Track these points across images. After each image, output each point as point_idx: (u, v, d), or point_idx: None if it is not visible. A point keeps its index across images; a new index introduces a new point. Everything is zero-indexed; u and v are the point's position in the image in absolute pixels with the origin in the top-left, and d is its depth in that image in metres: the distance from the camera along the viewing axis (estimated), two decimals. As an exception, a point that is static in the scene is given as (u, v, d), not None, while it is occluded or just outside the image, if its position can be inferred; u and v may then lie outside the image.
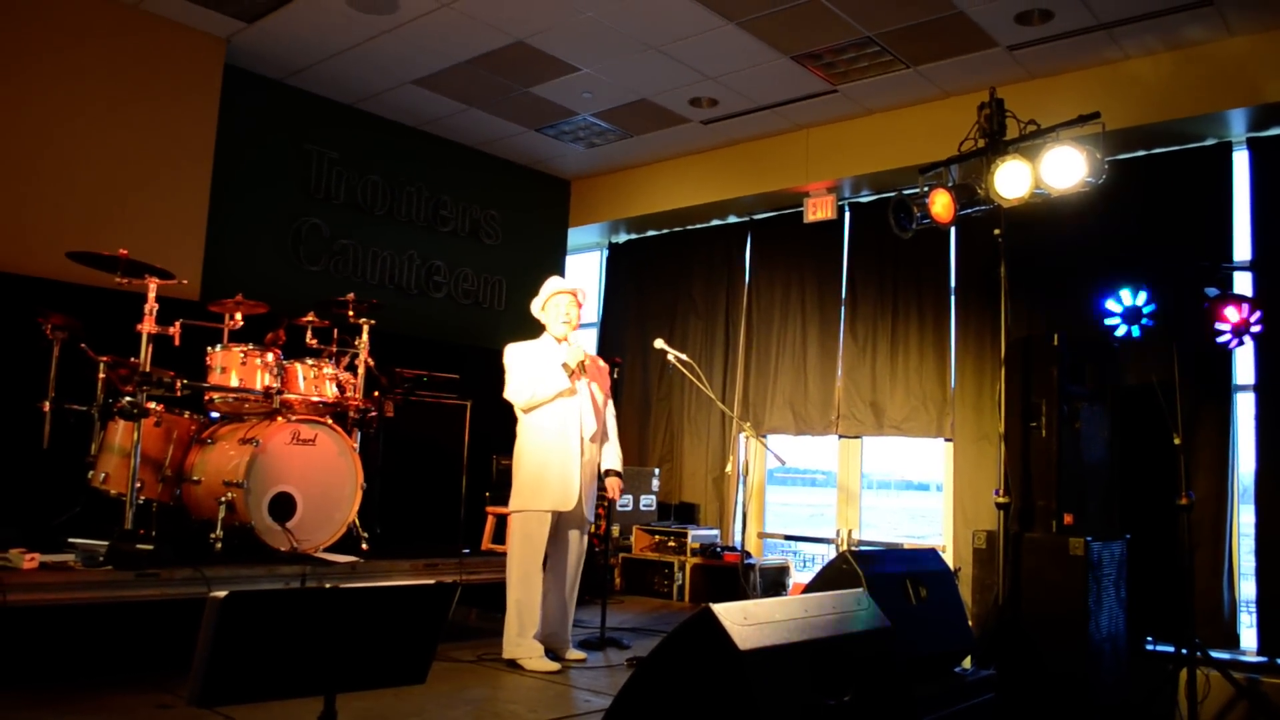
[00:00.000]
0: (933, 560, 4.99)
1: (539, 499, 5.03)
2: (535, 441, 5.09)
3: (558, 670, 4.87)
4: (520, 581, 5.00)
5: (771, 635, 2.75)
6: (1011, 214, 5.34)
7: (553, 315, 5.27)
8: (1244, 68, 5.94)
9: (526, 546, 5.03)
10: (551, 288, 5.34)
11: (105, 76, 6.37)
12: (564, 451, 5.06)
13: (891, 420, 7.59)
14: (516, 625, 4.96)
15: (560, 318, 5.23)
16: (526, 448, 5.13)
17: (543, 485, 5.04)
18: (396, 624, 2.72)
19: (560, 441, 5.07)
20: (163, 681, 4.24)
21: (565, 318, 5.22)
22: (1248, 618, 6.05)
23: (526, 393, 5.08)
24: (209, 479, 5.19)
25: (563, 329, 5.22)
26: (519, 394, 5.11)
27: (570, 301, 5.26)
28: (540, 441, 5.08)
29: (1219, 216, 6.24)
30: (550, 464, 5.04)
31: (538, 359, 5.16)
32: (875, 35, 6.27)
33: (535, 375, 5.09)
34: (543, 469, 5.04)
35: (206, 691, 2.51)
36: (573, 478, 5.04)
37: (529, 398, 5.07)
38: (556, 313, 5.25)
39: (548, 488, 5.03)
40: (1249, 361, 6.07)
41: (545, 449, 5.07)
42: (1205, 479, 6.00)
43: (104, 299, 5.56)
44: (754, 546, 8.40)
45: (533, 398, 5.07)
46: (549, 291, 5.32)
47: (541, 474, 5.04)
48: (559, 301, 5.26)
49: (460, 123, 8.20)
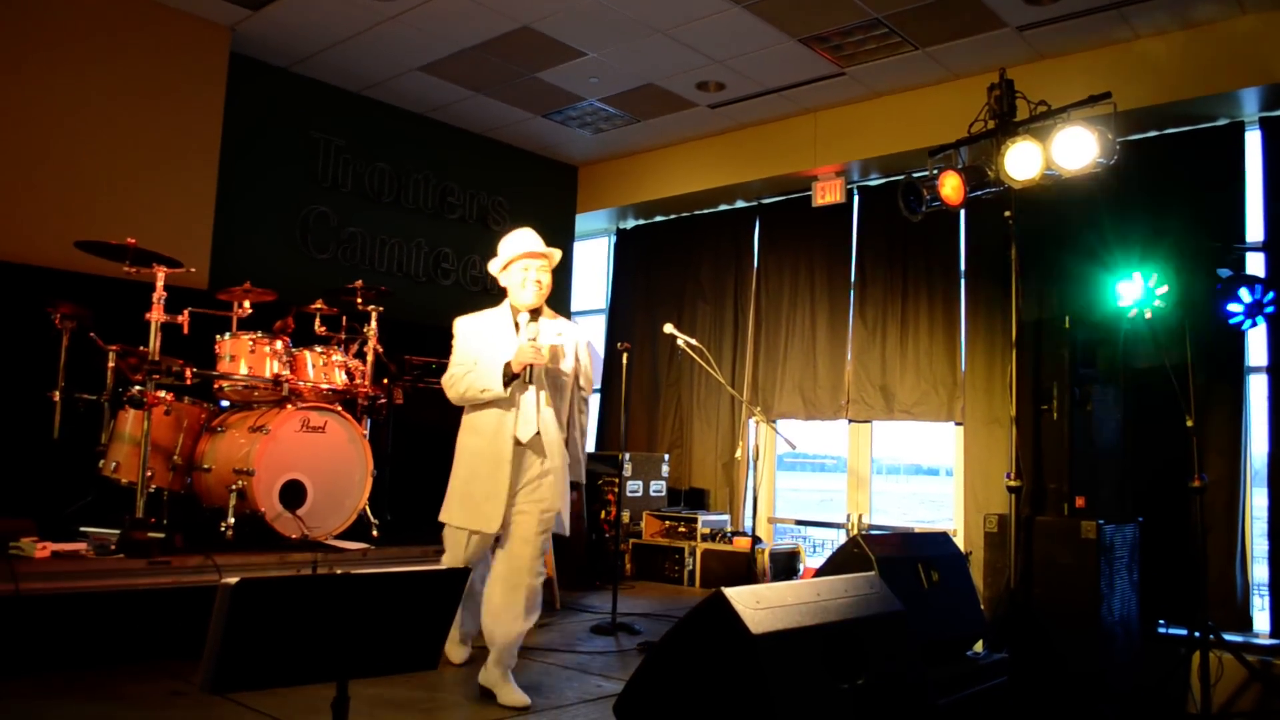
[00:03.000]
0: (944, 544, 4.98)
1: (459, 515, 4.23)
2: (467, 446, 4.28)
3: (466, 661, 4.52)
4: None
5: (784, 619, 2.74)
6: (1022, 196, 5.29)
7: (514, 280, 4.31)
8: (1256, 46, 5.88)
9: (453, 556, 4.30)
10: (512, 249, 4.32)
11: (111, 66, 6.36)
12: (495, 463, 4.16)
13: (902, 404, 7.57)
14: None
15: (520, 284, 4.27)
16: (459, 451, 4.33)
17: (466, 500, 4.22)
18: (408, 610, 2.72)
19: (493, 449, 4.17)
20: (175, 668, 4.26)
21: (529, 287, 4.25)
22: (1260, 600, 6.03)
23: (456, 386, 4.22)
24: (219, 467, 5.20)
25: (526, 297, 4.26)
26: (448, 386, 4.27)
27: (539, 267, 4.28)
28: (472, 447, 4.25)
29: (1231, 197, 6.19)
30: (478, 477, 4.19)
31: (485, 339, 4.28)
32: (883, 17, 6.23)
33: (471, 363, 4.23)
34: (469, 481, 4.22)
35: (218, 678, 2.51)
36: (499, 498, 4.12)
37: (458, 393, 4.22)
38: (519, 277, 4.28)
39: (470, 505, 4.20)
40: (1262, 343, 6.03)
41: (475, 457, 4.23)
42: (1218, 461, 5.98)
43: (112, 288, 5.56)
44: (764, 531, 8.39)
45: (461, 395, 4.22)
46: (509, 254, 4.31)
47: (466, 488, 4.22)
48: (523, 266, 4.28)
49: (467, 109, 8.18)
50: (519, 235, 4.37)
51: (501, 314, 4.37)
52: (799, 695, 2.68)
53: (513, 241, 4.35)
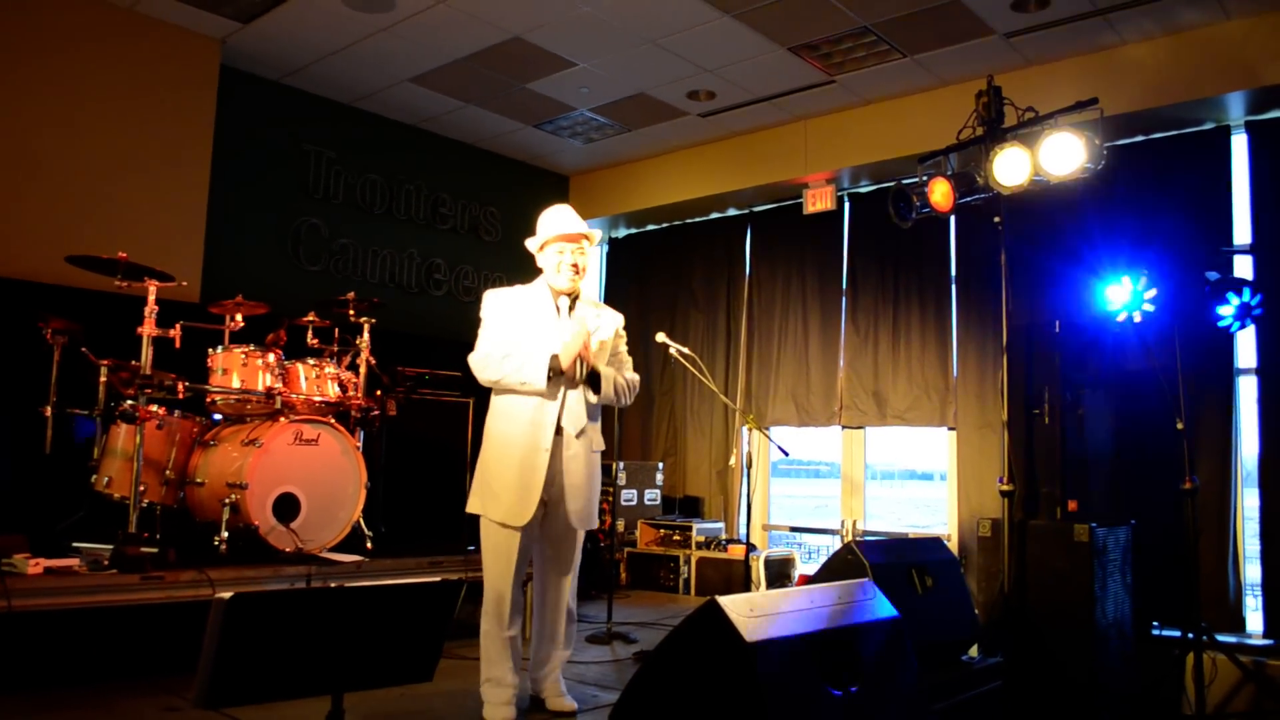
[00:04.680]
0: (937, 549, 5.00)
1: (490, 506, 3.98)
2: (500, 431, 4.01)
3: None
4: (489, 605, 3.99)
5: (778, 627, 2.75)
6: (1011, 201, 5.32)
7: (549, 262, 4.13)
8: (1241, 51, 5.92)
9: (495, 562, 3.99)
10: (549, 229, 4.11)
11: (101, 80, 6.36)
12: (531, 450, 3.94)
13: (894, 410, 7.58)
14: (484, 661, 3.96)
15: (555, 267, 4.09)
16: (490, 436, 4.07)
17: (497, 490, 3.96)
18: (402, 622, 2.73)
19: (530, 436, 3.95)
20: (170, 684, 4.26)
21: (565, 271, 4.07)
22: (1253, 601, 6.04)
23: (491, 370, 3.94)
24: (212, 481, 5.19)
25: (561, 281, 4.08)
26: (481, 367, 3.97)
27: (575, 250, 4.09)
28: (505, 432, 3.99)
29: (1219, 200, 6.23)
30: (511, 463, 3.95)
31: (522, 318, 4.05)
32: (872, 25, 6.26)
33: (510, 346, 3.96)
34: (500, 469, 3.97)
35: (213, 693, 2.52)
36: (534, 488, 3.92)
37: (493, 377, 3.95)
38: (554, 260, 4.10)
39: (501, 494, 3.95)
40: (1251, 345, 6.06)
41: (508, 443, 3.97)
42: (1209, 463, 6.00)
43: (104, 302, 5.55)
44: (759, 539, 8.40)
45: (498, 380, 3.95)
46: (546, 234, 4.12)
47: (498, 475, 3.97)
48: (558, 249, 4.09)
49: (458, 120, 8.19)
50: (555, 214, 4.15)
51: (539, 293, 4.13)
52: (794, 703, 2.69)
53: (549, 221, 4.13)
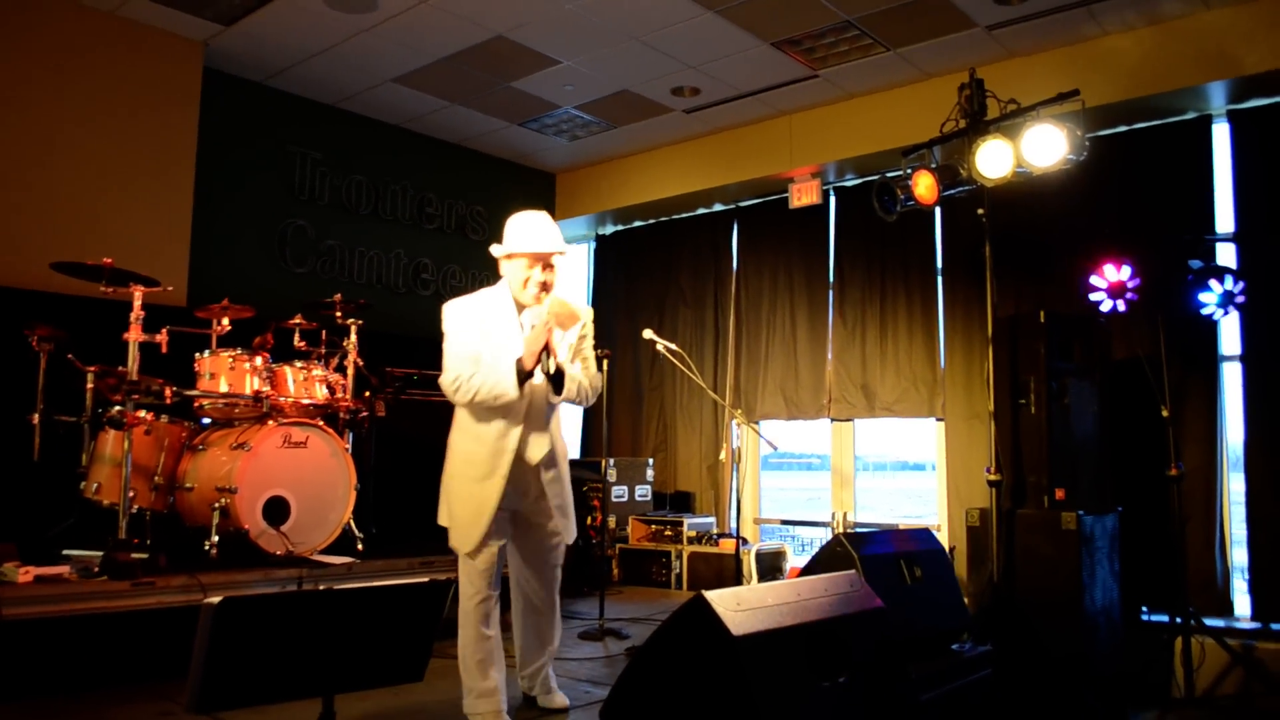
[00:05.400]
0: (926, 539, 5.02)
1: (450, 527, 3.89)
2: (463, 450, 3.88)
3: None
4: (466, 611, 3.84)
5: (764, 620, 2.77)
6: (995, 193, 5.34)
7: (515, 276, 3.86)
8: (1222, 41, 5.94)
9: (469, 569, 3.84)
10: (517, 243, 3.83)
11: (84, 84, 6.35)
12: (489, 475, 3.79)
13: (883, 402, 7.61)
14: (464, 672, 3.84)
15: (520, 283, 3.83)
16: (451, 451, 3.94)
17: (454, 514, 3.87)
18: (391, 623, 2.74)
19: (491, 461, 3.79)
20: (163, 689, 4.26)
21: (531, 289, 3.81)
22: (1241, 584, 6.08)
23: (464, 392, 3.71)
24: (201, 485, 5.20)
25: (530, 300, 3.84)
26: (452, 391, 3.75)
27: (544, 269, 3.83)
28: (469, 452, 3.85)
29: (1201, 189, 6.25)
30: (466, 489, 3.83)
31: (487, 329, 3.82)
32: (854, 19, 6.27)
33: (474, 363, 3.75)
34: (459, 492, 3.86)
35: (204, 698, 2.53)
36: (485, 515, 3.77)
37: (467, 398, 3.73)
38: (520, 275, 3.84)
39: (456, 520, 3.85)
40: (1235, 332, 6.10)
41: (469, 463, 3.84)
42: (1195, 450, 6.04)
43: (90, 308, 5.55)
44: (750, 532, 8.42)
45: (471, 401, 3.74)
46: (514, 248, 3.84)
47: (457, 497, 3.87)
48: (526, 264, 3.83)
49: (443, 119, 8.19)
50: (527, 226, 3.86)
51: (501, 302, 3.89)
52: (781, 695, 2.71)
53: (519, 234, 3.85)
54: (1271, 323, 5.87)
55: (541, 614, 4.17)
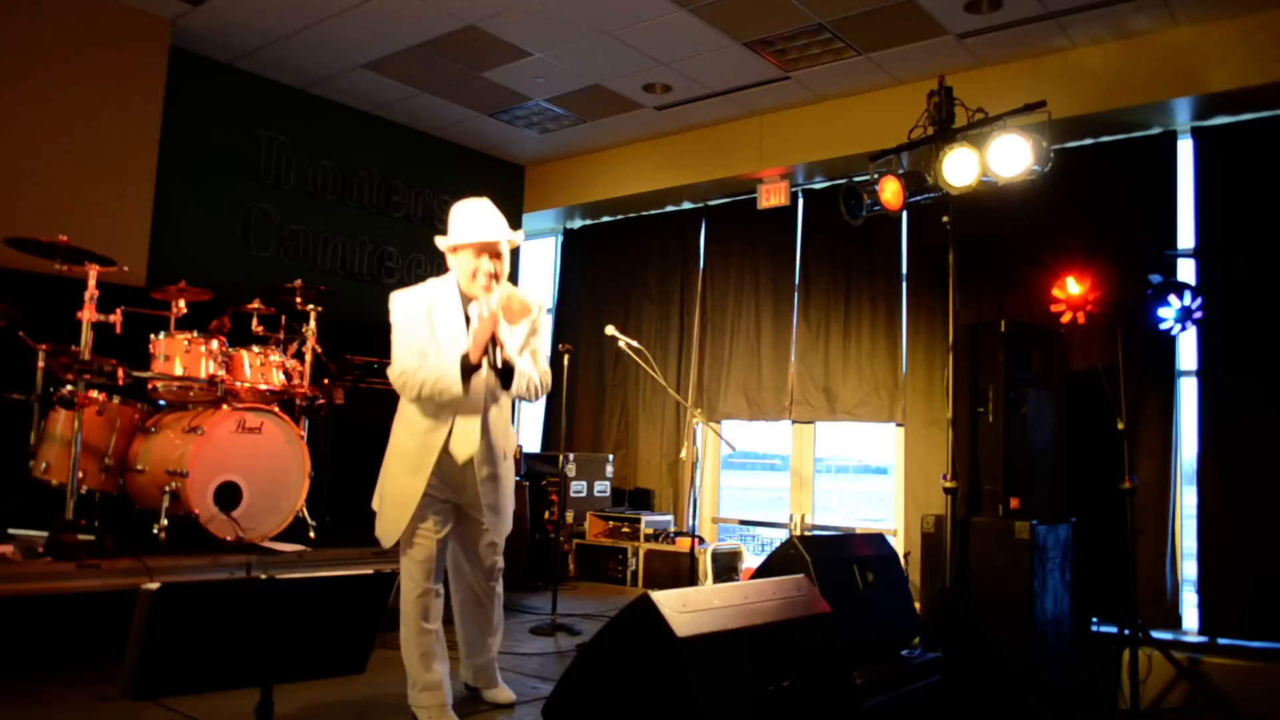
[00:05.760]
0: (880, 545, 5.06)
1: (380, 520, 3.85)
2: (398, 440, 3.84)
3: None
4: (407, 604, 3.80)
5: (710, 622, 2.76)
6: (960, 201, 5.38)
7: (463, 268, 3.76)
8: (1188, 57, 6.00)
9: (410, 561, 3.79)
10: (461, 234, 3.75)
11: (46, 59, 6.23)
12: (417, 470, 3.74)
13: (844, 405, 7.63)
14: (409, 667, 3.81)
15: (468, 275, 3.74)
16: (392, 443, 3.89)
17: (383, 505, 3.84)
18: (334, 614, 2.71)
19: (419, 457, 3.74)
20: (105, 673, 4.18)
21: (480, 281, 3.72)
22: (1190, 598, 6.15)
23: (412, 385, 3.63)
24: (153, 468, 5.13)
25: (474, 290, 3.74)
26: (400, 385, 3.69)
27: (490, 259, 3.73)
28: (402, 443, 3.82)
29: (1163, 204, 6.31)
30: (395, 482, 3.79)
31: (432, 320, 3.74)
32: (827, 22, 6.28)
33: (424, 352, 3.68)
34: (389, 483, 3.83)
35: (140, 684, 2.49)
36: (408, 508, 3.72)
37: (414, 393, 3.66)
38: (467, 266, 3.74)
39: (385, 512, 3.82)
40: (1192, 347, 6.16)
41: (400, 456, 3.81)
42: (1149, 463, 6.10)
43: (44, 285, 5.46)
44: (708, 531, 8.43)
45: (418, 394, 3.65)
46: (458, 238, 3.75)
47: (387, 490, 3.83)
48: (472, 254, 3.73)
49: (412, 107, 8.13)
50: (473, 213, 3.78)
51: (447, 294, 3.80)
52: (724, 698, 2.71)
53: (464, 224, 3.76)
54: (1228, 339, 5.93)
55: (482, 606, 4.11)
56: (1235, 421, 5.89)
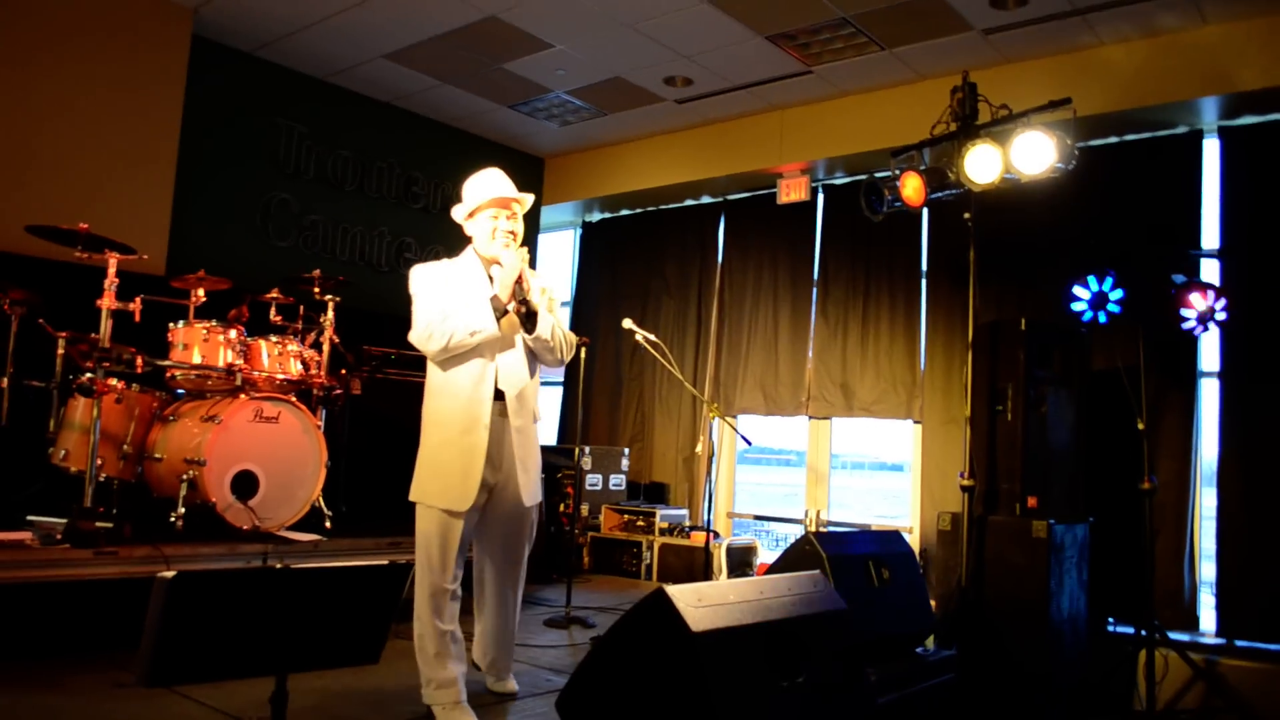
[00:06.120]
0: (896, 542, 5.04)
1: (430, 491, 3.79)
2: (437, 410, 3.83)
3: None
4: (423, 603, 3.77)
5: (725, 617, 2.75)
6: (981, 198, 5.34)
7: (482, 229, 3.90)
8: (1217, 56, 5.94)
9: (434, 553, 3.75)
10: (479, 195, 3.90)
11: (68, 48, 6.25)
12: (469, 428, 3.74)
13: (861, 402, 7.60)
14: (422, 663, 3.79)
15: (489, 234, 3.87)
16: (427, 418, 3.88)
17: (436, 473, 3.78)
18: (348, 604, 2.71)
19: (468, 412, 3.75)
20: (121, 659, 4.22)
21: (500, 238, 3.86)
22: (1208, 600, 6.10)
23: (438, 336, 3.67)
24: (170, 456, 5.15)
25: (495, 249, 3.85)
26: (425, 338, 3.72)
27: (511, 215, 3.91)
28: (443, 411, 3.80)
29: (1188, 204, 6.25)
30: (449, 444, 3.77)
31: (456, 286, 3.82)
32: (850, 16, 6.24)
33: (452, 309, 3.71)
34: (439, 451, 3.79)
35: (155, 671, 2.50)
36: (475, 468, 3.73)
37: (442, 342, 3.68)
38: (487, 226, 3.89)
39: (441, 478, 3.76)
40: (1214, 348, 6.10)
41: (446, 423, 3.78)
42: (1168, 464, 6.05)
43: (65, 273, 5.47)
44: (723, 526, 8.42)
45: (446, 344, 3.68)
46: (475, 200, 3.91)
47: (437, 458, 3.80)
48: (491, 214, 3.89)
49: (432, 98, 8.13)
50: (486, 178, 3.94)
51: (469, 262, 3.92)
52: (739, 692, 2.69)
53: (479, 186, 3.92)
54: (1250, 340, 5.88)
55: (502, 595, 4.09)
56: (1257, 424, 5.84)
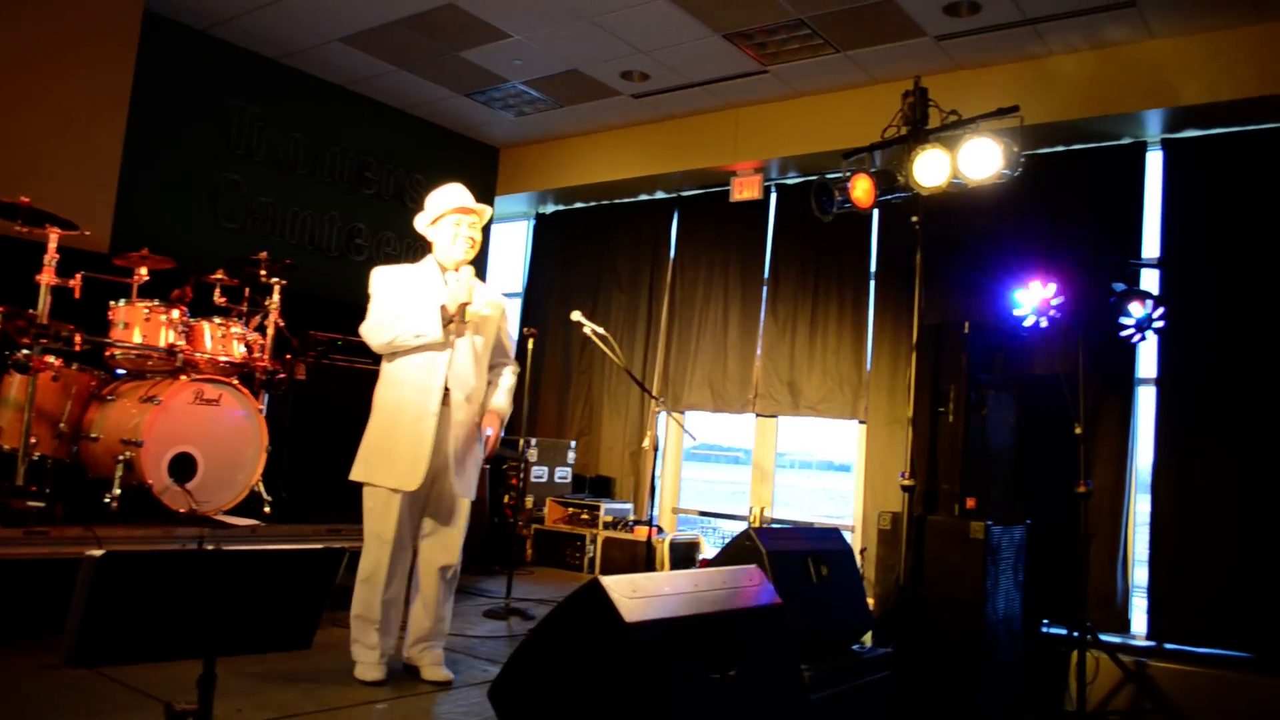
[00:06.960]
0: (835, 539, 5.08)
1: (377, 471, 4.04)
2: (389, 398, 4.10)
3: (380, 681, 3.97)
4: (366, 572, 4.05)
5: (659, 609, 2.76)
6: (930, 202, 5.38)
7: (444, 235, 4.22)
8: (1162, 70, 6.05)
9: (379, 529, 4.04)
10: (443, 203, 4.23)
11: (14, 17, 6.12)
12: (419, 415, 4.01)
13: (808, 401, 7.66)
14: (354, 625, 4.06)
15: (451, 239, 4.19)
16: (378, 404, 4.14)
17: (384, 455, 4.03)
18: (280, 589, 2.68)
19: (418, 401, 4.02)
20: (49, 641, 4.14)
21: (461, 243, 4.18)
22: (1140, 603, 6.22)
23: (385, 332, 4.02)
24: (107, 436, 5.07)
25: (456, 253, 4.18)
26: (374, 331, 4.06)
27: (472, 223, 4.23)
28: (394, 399, 4.07)
29: (1130, 214, 6.37)
30: (399, 428, 4.02)
31: (411, 289, 4.12)
32: (807, 18, 6.28)
33: (401, 310, 4.04)
34: (388, 435, 4.04)
35: (80, 652, 2.45)
36: (422, 452, 3.98)
37: (387, 338, 4.02)
38: (450, 232, 4.21)
39: (388, 460, 4.01)
40: (1152, 356, 6.22)
41: (397, 409, 4.05)
42: (1105, 469, 6.16)
43: (3, 247, 5.36)
44: (668, 521, 8.44)
45: (392, 340, 4.02)
46: (440, 208, 4.24)
47: (386, 441, 4.04)
48: (454, 220, 4.21)
49: (388, 83, 8.06)
50: (450, 190, 4.29)
51: (427, 268, 4.23)
52: (671, 684, 2.71)
53: (443, 196, 4.26)
54: (1187, 349, 6.00)
55: (442, 588, 4.18)
56: (1192, 431, 5.96)
